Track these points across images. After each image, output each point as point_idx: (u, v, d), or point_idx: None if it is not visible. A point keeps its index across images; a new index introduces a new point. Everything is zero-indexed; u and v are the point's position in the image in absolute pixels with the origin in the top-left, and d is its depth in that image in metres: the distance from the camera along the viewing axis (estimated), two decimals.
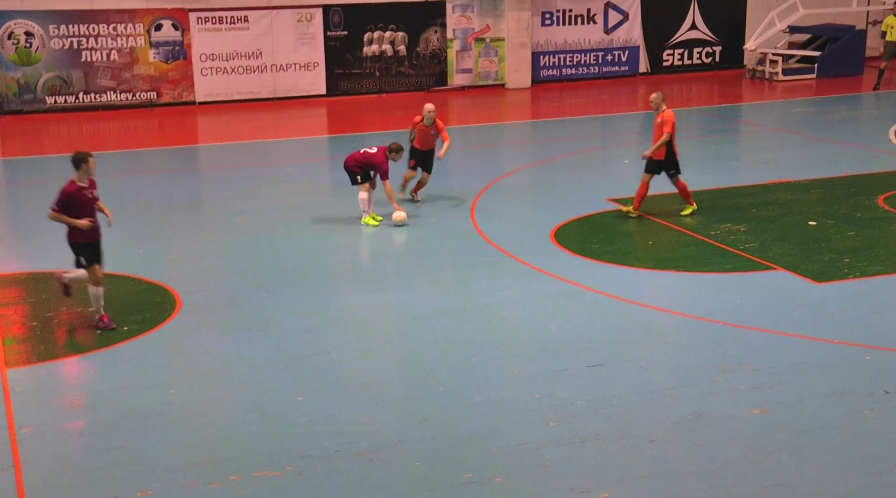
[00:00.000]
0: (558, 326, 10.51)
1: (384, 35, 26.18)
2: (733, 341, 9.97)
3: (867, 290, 11.34)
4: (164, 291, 11.77)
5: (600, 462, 7.74)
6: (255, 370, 9.60)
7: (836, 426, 8.22)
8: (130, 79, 24.47)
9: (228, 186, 16.88)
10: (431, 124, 15.32)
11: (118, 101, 24.42)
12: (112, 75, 24.36)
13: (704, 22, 28.66)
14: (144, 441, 8.24)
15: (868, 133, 20.54)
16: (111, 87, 24.43)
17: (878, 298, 11.07)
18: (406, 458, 7.88)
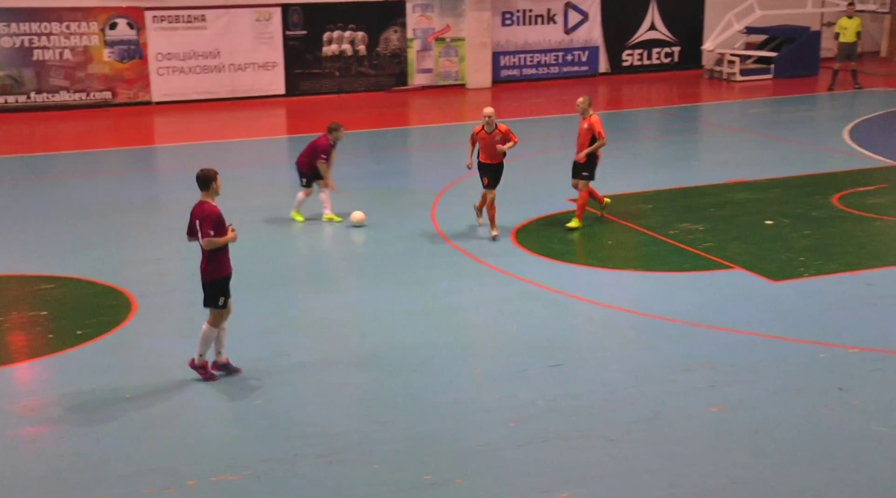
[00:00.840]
0: (519, 326, 10.54)
1: (344, 35, 26.11)
2: (692, 340, 10.06)
3: (822, 288, 11.50)
4: (120, 294, 11.66)
5: (560, 462, 7.77)
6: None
7: (792, 423, 8.33)
8: (84, 78, 24.20)
9: (186, 188, 16.68)
10: (494, 130, 13.37)
11: (72, 100, 24.13)
12: (65, 74, 24.07)
13: (663, 22, 28.90)
14: (99, 447, 8.15)
15: (823, 133, 20.82)
16: (64, 86, 24.13)
17: (832, 297, 11.23)
18: (366, 460, 7.87)
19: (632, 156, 19.04)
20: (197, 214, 9.19)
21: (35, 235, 14.17)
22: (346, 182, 17.00)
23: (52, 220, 14.88)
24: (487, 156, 13.36)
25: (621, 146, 20.28)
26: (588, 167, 13.98)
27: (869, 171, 16.93)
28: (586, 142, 13.83)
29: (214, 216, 9.07)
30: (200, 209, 9.18)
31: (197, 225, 9.16)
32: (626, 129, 22.44)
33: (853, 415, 8.46)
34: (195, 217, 9.21)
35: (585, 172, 13.99)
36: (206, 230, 9.04)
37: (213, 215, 9.08)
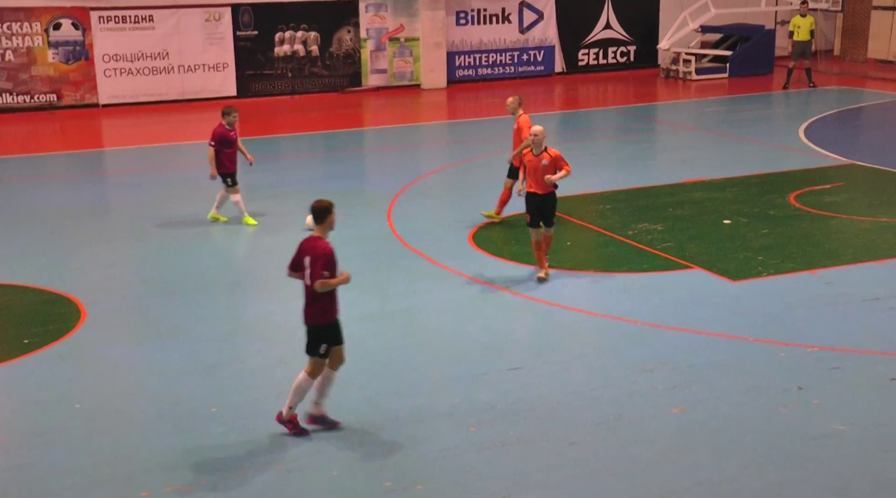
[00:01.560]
0: (477, 329, 10.54)
1: (296, 35, 26.01)
2: (652, 341, 10.13)
3: (781, 287, 11.63)
4: (68, 302, 11.49)
5: (522, 466, 7.78)
6: (167, 381, 9.43)
7: (753, 423, 8.40)
8: (28, 80, 23.87)
9: (136, 192, 16.57)
10: (542, 153, 11.68)
11: (15, 103, 23.79)
12: (8, 76, 23.73)
13: (619, 21, 29.13)
14: (48, 459, 8.02)
15: (779, 132, 21.09)
16: (7, 88, 23.79)
17: (791, 295, 11.36)
18: (324, 467, 7.82)
19: (589, 156, 19.14)
20: (307, 250, 8.24)
21: None
22: (300, 185, 16.95)
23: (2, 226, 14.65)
24: (533, 183, 11.76)
25: (578, 146, 20.40)
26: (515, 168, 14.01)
27: (825, 170, 17.17)
28: (518, 142, 13.89)
29: (328, 255, 8.16)
30: (312, 245, 8.23)
31: (305, 262, 8.21)
32: (582, 129, 22.59)
33: (813, 414, 8.56)
34: (304, 253, 8.26)
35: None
36: (319, 271, 8.10)
37: (328, 254, 8.16)
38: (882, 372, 9.33)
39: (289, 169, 18.59)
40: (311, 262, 8.18)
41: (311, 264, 8.16)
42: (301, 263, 8.28)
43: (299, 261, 8.30)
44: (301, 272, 8.28)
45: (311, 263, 8.16)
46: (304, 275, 8.24)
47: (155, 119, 23.54)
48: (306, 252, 8.26)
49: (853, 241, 13.27)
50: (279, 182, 17.27)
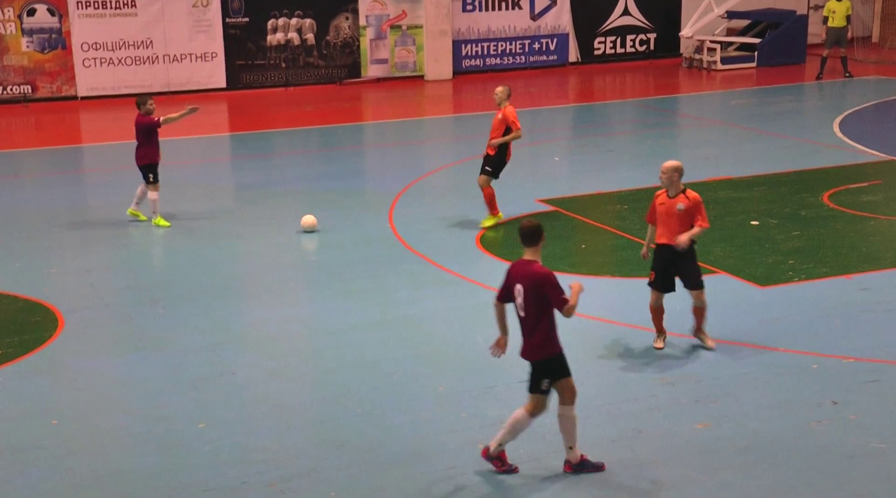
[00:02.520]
0: (485, 338, 10.51)
1: (290, 22, 26.06)
2: (673, 352, 10.13)
3: (813, 293, 11.63)
4: (44, 310, 11.53)
5: (534, 486, 7.80)
6: (151, 395, 9.46)
7: (783, 440, 8.41)
8: (0, 70, 23.93)
9: (117, 191, 16.60)
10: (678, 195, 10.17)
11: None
12: None
13: (638, 7, 29.14)
14: (22, 479, 8.05)
15: (812, 126, 21.09)
16: None
17: (824, 302, 11.36)
18: (321, 487, 7.84)
19: (605, 152, 19.17)
20: (520, 278, 7.87)
21: None
22: (295, 184, 17.00)
23: None
24: (665, 232, 10.04)
25: (593, 142, 20.44)
26: (493, 162, 14.15)
27: (861, 166, 17.17)
28: (499, 134, 13.97)
29: (554, 279, 7.74)
30: (528, 271, 7.83)
31: (518, 290, 7.87)
32: (598, 124, 22.61)
33: (849, 430, 8.56)
34: (517, 280, 7.89)
35: (488, 167, 14.18)
36: (559, 298, 7.71)
37: (553, 279, 7.74)
38: None
39: (282, 167, 18.62)
40: (540, 291, 7.75)
41: (536, 294, 7.77)
42: (512, 293, 7.92)
43: (511, 290, 7.93)
44: (512, 301, 7.96)
45: (537, 294, 7.76)
46: (517, 304, 7.90)
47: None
48: (519, 279, 7.86)
49: (892, 244, 13.28)
50: (271, 181, 17.32)
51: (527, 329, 7.92)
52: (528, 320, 7.88)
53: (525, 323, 7.92)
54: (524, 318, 7.90)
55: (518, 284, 7.88)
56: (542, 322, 7.85)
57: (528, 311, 7.84)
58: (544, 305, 7.79)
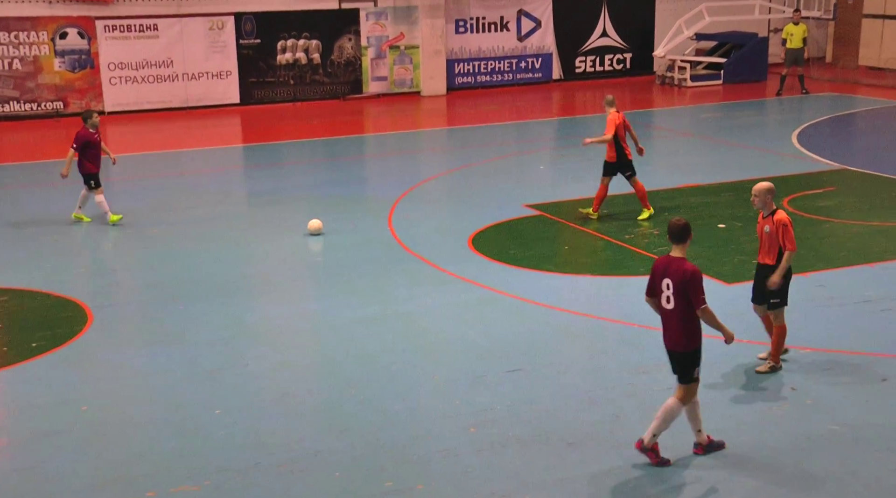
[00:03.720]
0: (477, 332, 10.55)
1: (298, 43, 26.03)
2: (649, 343, 10.12)
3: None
4: (74, 306, 11.50)
5: (520, 466, 7.79)
6: (171, 384, 9.44)
7: (747, 423, 8.41)
8: (35, 88, 23.89)
9: (140, 198, 16.57)
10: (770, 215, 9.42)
11: (22, 111, 23.81)
12: (15, 84, 23.75)
13: (615, 29, 29.15)
14: (54, 461, 8.03)
15: (773, 137, 21.10)
16: (14, 96, 23.81)
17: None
18: (326, 468, 7.82)
19: (586, 161, 19.14)
20: (668, 273, 7.70)
21: None
22: (303, 191, 16.97)
23: (3, 232, 14.65)
24: (760, 250, 9.51)
25: (575, 152, 20.41)
26: (625, 164, 14.48)
27: (817, 175, 17.18)
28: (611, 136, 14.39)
29: (700, 279, 7.57)
30: (678, 268, 7.65)
31: (666, 284, 7.71)
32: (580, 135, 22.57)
33: (807, 414, 8.57)
34: (665, 275, 7.73)
35: (628, 171, 14.52)
36: (699, 297, 7.58)
37: (699, 278, 7.57)
38: (874, 373, 9.34)
39: (290, 175, 18.59)
40: (686, 287, 7.60)
41: (687, 290, 7.60)
42: (659, 288, 7.77)
43: (658, 285, 7.79)
44: (658, 296, 7.80)
45: (685, 289, 7.60)
46: (661, 299, 7.77)
47: (159, 126, 23.56)
48: (668, 275, 7.70)
49: (845, 245, 13.28)
50: (281, 188, 17.29)
51: (674, 321, 7.75)
52: (676, 313, 7.72)
53: (672, 315, 7.75)
54: (671, 310, 7.74)
55: (667, 279, 7.71)
56: (689, 315, 7.68)
57: (677, 304, 7.70)
58: (689, 300, 7.64)
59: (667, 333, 7.87)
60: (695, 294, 7.60)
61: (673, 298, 7.70)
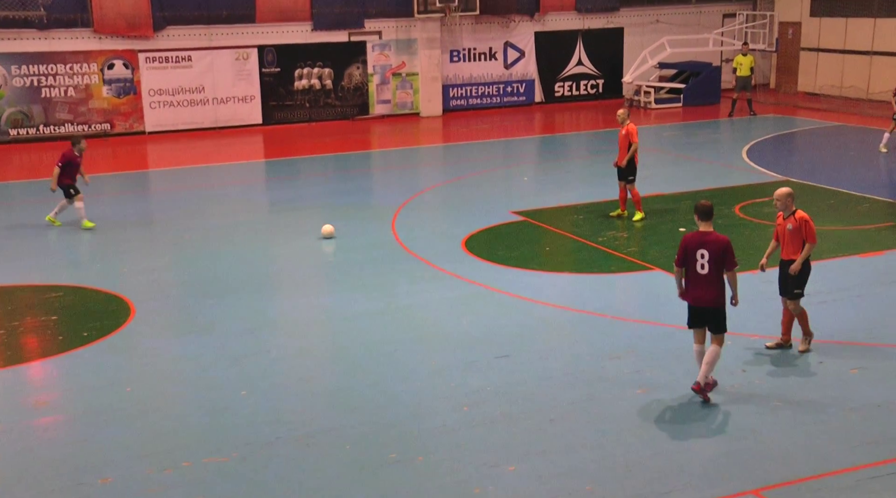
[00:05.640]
0: (469, 323, 10.54)
1: (312, 71, 25.99)
2: (619, 332, 10.13)
3: None
4: (120, 301, 11.48)
5: (508, 440, 7.78)
6: (203, 369, 9.42)
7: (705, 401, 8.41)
8: (86, 112, 23.85)
9: (176, 206, 16.54)
10: (790, 217, 9.48)
11: (75, 131, 23.74)
12: (69, 109, 23.71)
13: (589, 59, 29.14)
14: (103, 434, 8.02)
15: (725, 153, 21.09)
16: (68, 119, 23.76)
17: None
18: (339, 442, 7.81)
19: (565, 173, 19.17)
20: (704, 244, 8.09)
21: (43, 250, 13.92)
22: (317, 200, 16.96)
23: (58, 237, 14.62)
24: (783, 249, 9.46)
25: (555, 165, 20.44)
26: (632, 171, 14.50)
27: (764, 185, 17.18)
28: (625, 147, 14.36)
29: (731, 245, 8.12)
30: (713, 239, 8.09)
31: (701, 254, 8.09)
32: (559, 151, 22.60)
33: (755, 392, 8.58)
34: (700, 246, 8.11)
35: (631, 176, 14.55)
36: (734, 260, 8.12)
37: (730, 244, 8.11)
38: (811, 356, 9.35)
39: (307, 186, 18.58)
40: (722, 253, 8.05)
41: (723, 255, 8.06)
42: (694, 256, 8.14)
43: (692, 254, 8.16)
44: (694, 265, 8.16)
45: (722, 255, 8.05)
46: (697, 266, 8.14)
47: (192, 144, 23.51)
48: (703, 246, 8.11)
49: None
50: (298, 197, 17.27)
51: (707, 283, 8.14)
52: (710, 276, 8.12)
53: (706, 279, 8.13)
54: (705, 275, 8.13)
55: (702, 250, 8.13)
56: (720, 278, 8.14)
57: (711, 269, 8.11)
58: (723, 266, 8.09)
59: (700, 295, 8.23)
60: (731, 258, 8.11)
61: (708, 264, 8.13)
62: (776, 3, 30.11)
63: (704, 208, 8.28)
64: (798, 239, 9.31)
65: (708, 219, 8.24)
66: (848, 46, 27.87)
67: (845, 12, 27.92)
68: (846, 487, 6.95)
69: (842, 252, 12.81)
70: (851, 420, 7.99)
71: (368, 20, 26.25)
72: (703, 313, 8.32)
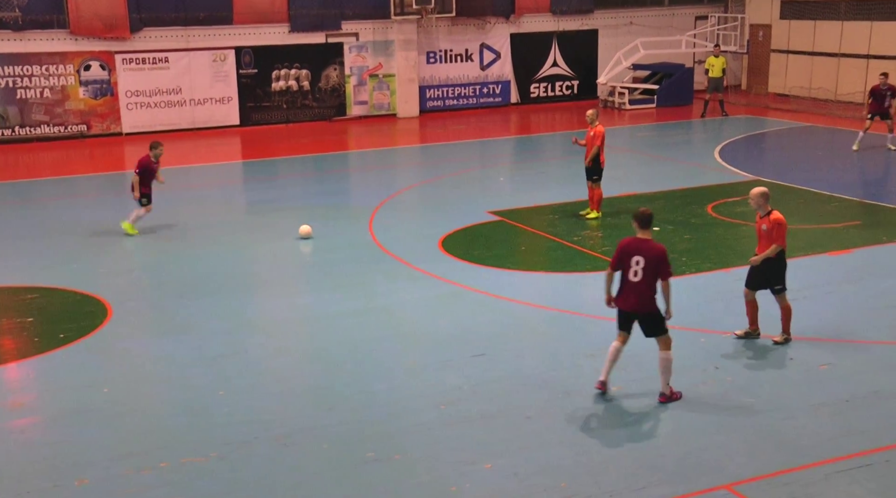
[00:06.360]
0: (447, 322, 10.54)
1: (290, 72, 25.89)
2: (594, 331, 10.16)
3: (701, 283, 11.72)
4: (97, 302, 11.37)
5: (484, 438, 7.79)
6: (181, 369, 9.36)
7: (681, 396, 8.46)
8: (62, 113, 23.62)
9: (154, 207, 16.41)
10: (766, 216, 9.60)
11: (51, 133, 23.53)
12: (45, 110, 23.47)
13: (564, 60, 29.23)
14: (81, 435, 7.94)
15: (698, 153, 21.24)
16: (45, 121, 23.52)
17: (709, 290, 11.45)
18: (317, 441, 7.79)
19: (539, 173, 19.22)
20: (640, 251, 8.05)
21: (20, 251, 13.76)
22: (294, 200, 16.89)
23: (35, 238, 14.47)
24: (759, 247, 9.61)
25: (531, 166, 20.49)
26: (597, 171, 14.62)
27: (736, 185, 17.31)
28: (591, 148, 14.50)
29: (667, 255, 8.07)
30: (649, 246, 8.05)
31: (636, 260, 8.04)
32: (534, 151, 22.66)
33: (727, 389, 8.64)
34: (636, 252, 8.06)
35: (595, 176, 14.65)
36: (668, 270, 8.08)
37: (666, 254, 8.06)
38: (782, 353, 9.44)
39: (285, 187, 18.50)
40: (656, 262, 8.02)
41: (657, 264, 8.04)
42: (627, 262, 8.08)
43: (626, 260, 8.10)
44: (623, 270, 8.13)
45: (656, 264, 8.03)
46: (630, 272, 8.08)
47: (169, 145, 23.26)
48: (639, 252, 8.06)
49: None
50: (276, 198, 17.20)
51: (639, 290, 8.10)
52: (642, 283, 8.08)
53: (638, 286, 8.09)
54: (638, 282, 8.09)
55: (637, 256, 8.06)
56: (653, 285, 8.11)
57: (646, 276, 8.06)
58: (657, 273, 8.05)
59: (631, 300, 8.19)
60: (666, 268, 8.06)
61: (642, 272, 8.06)
62: (747, 5, 30.35)
63: (644, 216, 8.18)
64: (766, 241, 9.46)
65: (647, 227, 8.17)
66: (817, 48, 28.15)
67: (813, 15, 28.21)
68: (816, 481, 7.02)
69: (811, 250, 12.93)
70: (820, 415, 8.07)
71: (345, 22, 26.19)
72: (633, 318, 8.26)
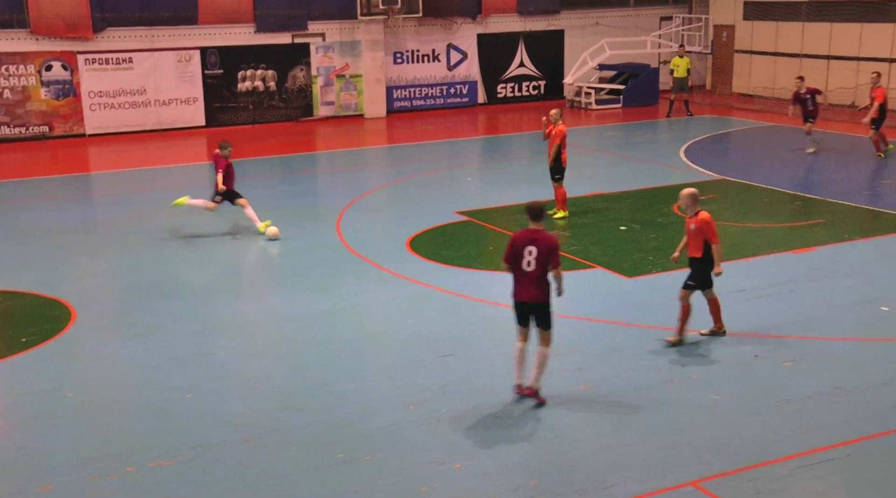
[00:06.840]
0: (415, 322, 10.54)
1: (256, 73, 25.73)
2: (562, 329, 10.14)
3: (668, 282, 11.78)
4: (60, 305, 11.22)
5: (454, 438, 7.80)
6: (148, 372, 9.27)
7: (646, 396, 8.52)
8: (24, 114, 23.26)
9: (119, 210, 16.23)
10: (694, 216, 9.73)
11: (12, 134, 23.17)
12: (6, 111, 23.10)
13: (531, 61, 29.35)
14: (44, 441, 7.83)
15: (664, 153, 21.43)
16: (5, 121, 23.15)
17: (675, 289, 11.40)
18: (286, 443, 7.75)
19: (507, 173, 19.27)
20: (533, 242, 8.11)
21: None
22: (262, 201, 16.76)
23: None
24: (688, 246, 9.75)
25: (498, 166, 20.54)
26: (559, 170, 14.70)
27: (701, 184, 17.41)
28: (553, 147, 14.58)
29: (558, 246, 8.17)
30: (542, 237, 8.14)
31: (529, 251, 8.09)
32: (502, 151, 22.72)
33: (694, 386, 8.73)
34: (528, 243, 8.13)
35: (558, 175, 14.74)
36: (558, 260, 8.14)
37: (558, 245, 8.17)
38: (747, 350, 9.54)
39: (252, 188, 18.31)
40: (548, 252, 8.05)
41: (549, 254, 8.06)
42: (521, 254, 8.12)
43: (520, 253, 8.13)
44: (517, 263, 8.15)
45: (548, 253, 8.06)
46: (523, 262, 8.11)
47: (134, 147, 23.09)
48: (532, 243, 8.11)
49: (724, 243, 13.42)
50: None
51: (533, 280, 8.14)
52: (535, 273, 8.13)
53: (531, 276, 8.13)
54: (531, 272, 8.13)
55: (531, 247, 8.13)
56: (545, 276, 8.16)
57: (538, 267, 8.12)
58: (548, 264, 8.11)
59: (525, 291, 8.22)
60: (556, 258, 8.15)
61: (535, 262, 8.13)
62: (711, 6, 30.67)
63: (535, 209, 8.37)
64: (700, 238, 9.52)
65: (539, 219, 8.32)
66: (779, 49, 28.53)
67: (776, 16, 28.58)
68: (781, 476, 7.12)
69: (775, 248, 13.09)
70: (785, 411, 8.17)
71: (312, 22, 26.08)
72: (529, 309, 8.29)
